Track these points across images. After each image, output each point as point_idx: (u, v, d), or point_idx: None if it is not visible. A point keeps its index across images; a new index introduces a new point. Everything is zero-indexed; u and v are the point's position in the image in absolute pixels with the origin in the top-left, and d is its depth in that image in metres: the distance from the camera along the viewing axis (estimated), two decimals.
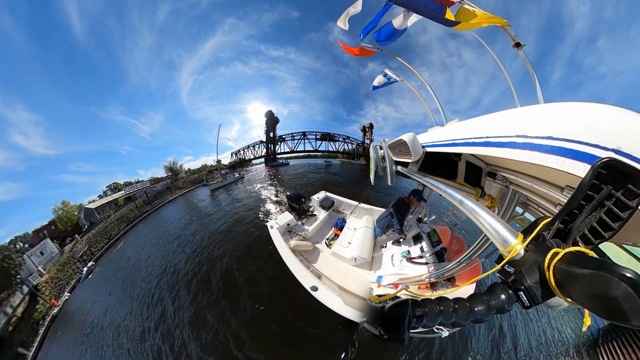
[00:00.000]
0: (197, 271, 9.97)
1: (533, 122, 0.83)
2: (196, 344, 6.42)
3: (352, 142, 62.42)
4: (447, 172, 2.01)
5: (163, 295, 9.22)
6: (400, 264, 4.18)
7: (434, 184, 1.62)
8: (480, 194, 1.96)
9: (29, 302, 16.62)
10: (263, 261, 8.97)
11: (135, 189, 35.83)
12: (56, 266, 20.11)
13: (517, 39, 3.03)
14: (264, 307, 6.78)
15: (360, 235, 5.11)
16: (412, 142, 1.81)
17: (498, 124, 1.01)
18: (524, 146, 0.83)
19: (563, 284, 0.60)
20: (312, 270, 4.53)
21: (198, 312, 7.45)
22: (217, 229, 13.94)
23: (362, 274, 4.74)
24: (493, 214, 1.01)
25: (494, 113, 1.06)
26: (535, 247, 0.78)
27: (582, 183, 0.65)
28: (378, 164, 2.75)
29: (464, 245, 4.38)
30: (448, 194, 1.37)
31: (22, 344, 12.17)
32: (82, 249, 20.83)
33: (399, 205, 4.47)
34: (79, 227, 27.49)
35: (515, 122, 0.91)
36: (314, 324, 5.64)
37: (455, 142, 1.35)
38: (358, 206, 6.60)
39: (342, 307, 3.39)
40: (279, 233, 5.54)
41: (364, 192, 14.15)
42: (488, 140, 1.03)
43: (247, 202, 18.21)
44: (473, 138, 1.16)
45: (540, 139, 0.78)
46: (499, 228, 0.94)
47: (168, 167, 45.46)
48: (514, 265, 0.81)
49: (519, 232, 0.89)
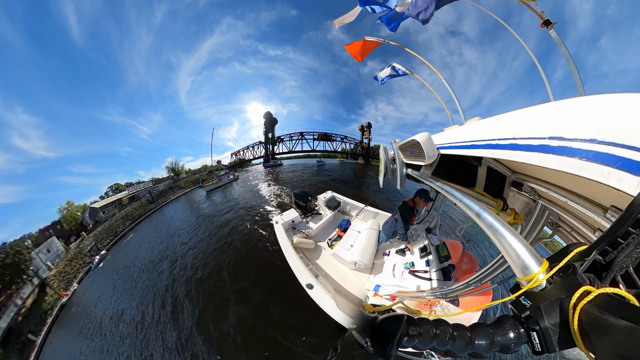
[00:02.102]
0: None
1: (572, 120, 0.65)
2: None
3: (349, 141, 62.92)
4: (465, 179, 1.77)
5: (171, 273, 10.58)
6: (401, 275, 3.95)
7: (448, 191, 1.43)
8: (501, 206, 1.70)
9: (38, 294, 17.08)
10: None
11: (138, 189, 36.90)
12: (64, 261, 20.81)
13: (546, 16, 2.57)
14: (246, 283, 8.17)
15: (363, 239, 4.93)
16: (426, 143, 1.56)
17: (528, 122, 0.83)
18: (559, 151, 0.65)
19: (589, 333, 0.47)
20: (310, 268, 4.51)
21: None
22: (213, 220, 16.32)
23: (360, 279, 4.62)
24: (515, 232, 0.86)
25: (523, 109, 0.87)
26: (562, 280, 0.63)
27: (633, 204, 0.50)
28: (388, 165, 2.55)
29: (475, 264, 4.03)
30: (464, 204, 1.19)
31: (32, 332, 12.60)
32: (89, 245, 21.77)
33: (403, 209, 4.19)
34: (83, 226, 28.24)
35: (550, 120, 0.73)
36: (300, 317, 5.98)
37: (475, 144, 1.17)
38: (364, 209, 6.47)
39: (333, 310, 3.29)
40: (283, 229, 5.70)
41: (349, 189, 14.89)
42: (515, 142, 0.85)
43: (239, 200, 20.50)
44: (496, 139, 0.98)
45: (581, 142, 0.60)
46: (520, 250, 0.78)
47: (170, 167, 47.84)
48: (532, 299, 0.67)
49: (544, 258, 0.74)
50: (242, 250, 10.42)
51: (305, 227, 6.29)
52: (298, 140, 59.31)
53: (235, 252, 10.34)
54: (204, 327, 6.65)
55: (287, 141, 59.76)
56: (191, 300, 7.92)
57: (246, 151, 60.59)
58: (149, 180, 42.17)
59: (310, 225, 6.35)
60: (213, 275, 8.92)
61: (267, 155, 57.73)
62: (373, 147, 61.79)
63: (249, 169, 52.57)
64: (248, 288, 7.65)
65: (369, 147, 61.15)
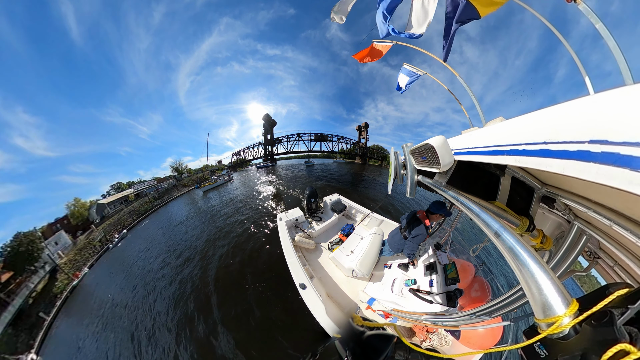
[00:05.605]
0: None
1: (620, 118, 0.47)
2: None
3: (346, 142, 63.91)
4: (484, 191, 1.54)
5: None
6: (400, 292, 3.66)
7: (464, 203, 1.26)
8: (527, 226, 1.44)
9: (49, 280, 17.63)
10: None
11: (143, 187, 38.92)
12: (74, 250, 21.68)
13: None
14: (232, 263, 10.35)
15: (364, 247, 4.71)
16: (442, 148, 1.38)
17: (562, 122, 0.65)
18: (603, 158, 0.48)
19: None
20: (306, 269, 4.50)
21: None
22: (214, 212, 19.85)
23: (355, 288, 4.47)
24: (540, 260, 0.70)
25: (556, 105, 0.70)
26: (593, 330, 0.49)
27: None
28: (398, 171, 2.36)
29: (486, 293, 3.63)
30: (481, 220, 1.03)
31: (43, 311, 13.21)
32: (99, 236, 24.75)
33: (416, 227, 3.61)
34: (89, 221, 30.83)
35: (590, 118, 0.55)
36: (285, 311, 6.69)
37: (497, 150, 1.00)
38: (370, 215, 6.32)
39: (321, 315, 3.18)
40: (285, 226, 5.84)
41: (329, 189, 16.24)
42: (546, 147, 0.68)
43: (231, 197, 24.71)
44: (523, 144, 0.80)
45: (633, 146, 0.43)
46: (543, 284, 0.63)
47: (174, 167, 51.59)
48: (550, 348, 0.55)
49: (573, 298, 0.60)
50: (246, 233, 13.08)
51: (308, 227, 6.37)
52: (296, 141, 60.48)
53: (244, 234, 13.10)
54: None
55: (285, 142, 60.79)
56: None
57: (246, 151, 61.87)
58: (152, 179, 45.63)
59: (313, 226, 6.43)
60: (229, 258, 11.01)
61: (267, 156, 58.77)
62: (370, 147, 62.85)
63: (248, 169, 53.95)
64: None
65: (366, 147, 62.18)
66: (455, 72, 4.16)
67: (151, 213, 28.24)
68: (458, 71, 4.28)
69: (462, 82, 4.07)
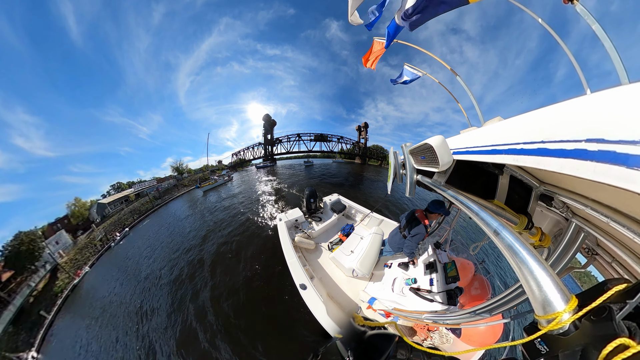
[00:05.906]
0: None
1: (616, 116, 0.49)
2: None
3: (345, 142, 63.95)
4: (483, 189, 1.57)
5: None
6: (401, 291, 3.69)
7: (463, 202, 1.29)
8: (525, 224, 1.47)
9: (49, 279, 17.64)
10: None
11: (144, 187, 38.66)
12: (74, 250, 21.57)
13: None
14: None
15: (364, 247, 4.73)
16: (440, 148, 1.40)
17: (559, 121, 0.66)
18: (600, 156, 0.50)
19: None
20: (307, 269, 4.50)
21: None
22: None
23: (355, 288, 4.49)
24: (539, 257, 0.72)
25: (554, 104, 0.71)
26: (592, 325, 0.50)
27: None
28: (397, 171, 2.41)
29: (487, 291, 3.67)
30: (480, 219, 1.06)
31: (44, 310, 13.23)
32: (100, 235, 24.69)
33: (414, 226, 3.65)
34: (89, 221, 30.73)
35: (586, 117, 0.56)
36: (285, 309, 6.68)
37: (495, 149, 1.02)
38: (370, 215, 6.34)
39: (322, 315, 3.17)
40: (285, 226, 5.84)
41: (325, 188, 16.42)
42: (544, 146, 0.69)
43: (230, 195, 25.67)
44: (521, 143, 0.82)
45: (629, 144, 0.44)
46: (543, 281, 0.64)
47: (174, 167, 51.58)
48: (550, 344, 0.56)
49: (573, 294, 0.61)
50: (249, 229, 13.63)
51: (308, 227, 6.37)
52: (295, 141, 60.52)
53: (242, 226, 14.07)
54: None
55: (285, 142, 60.82)
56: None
57: (246, 152, 61.84)
58: (153, 178, 45.73)
59: (312, 226, 6.42)
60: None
61: (267, 156, 58.77)
62: (370, 147, 62.89)
63: (248, 169, 53.89)
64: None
65: (366, 147, 62.20)
66: (455, 72, 4.18)
67: (152, 212, 28.27)
68: (458, 71, 4.39)
69: (461, 82, 4.09)
